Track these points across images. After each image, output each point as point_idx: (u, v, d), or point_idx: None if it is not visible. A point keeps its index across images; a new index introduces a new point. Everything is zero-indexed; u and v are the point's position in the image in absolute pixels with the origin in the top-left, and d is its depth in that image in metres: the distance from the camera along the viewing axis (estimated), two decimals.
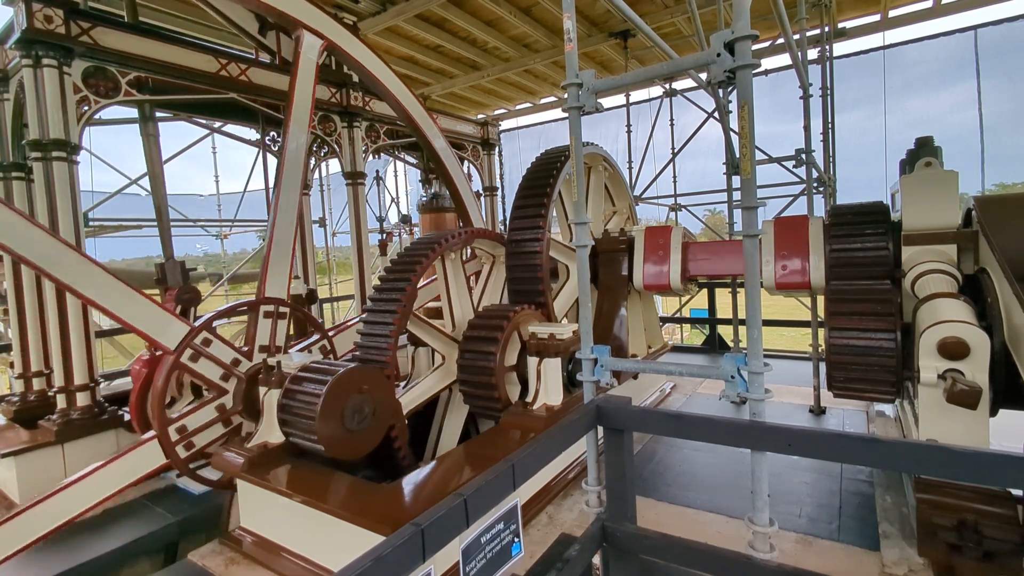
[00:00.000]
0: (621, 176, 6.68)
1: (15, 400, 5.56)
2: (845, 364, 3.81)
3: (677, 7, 8.99)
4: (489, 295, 5.52)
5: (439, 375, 4.84)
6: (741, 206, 2.35)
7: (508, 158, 14.71)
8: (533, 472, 2.28)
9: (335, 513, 3.16)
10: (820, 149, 7.51)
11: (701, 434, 2.53)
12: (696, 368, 2.76)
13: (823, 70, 7.68)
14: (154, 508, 4.59)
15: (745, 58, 2.28)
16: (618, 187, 6.83)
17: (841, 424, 5.46)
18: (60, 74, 4.73)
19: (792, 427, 2.28)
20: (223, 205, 13.65)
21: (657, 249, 5.75)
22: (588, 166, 6.26)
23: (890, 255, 4.18)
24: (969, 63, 9.29)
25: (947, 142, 4.95)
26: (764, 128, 11.11)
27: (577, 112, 2.92)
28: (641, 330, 6.48)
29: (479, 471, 3.48)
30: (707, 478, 4.47)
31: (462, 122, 10.19)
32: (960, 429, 3.06)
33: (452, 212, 9.39)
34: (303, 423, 3.60)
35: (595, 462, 2.93)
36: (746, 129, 2.35)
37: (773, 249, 4.88)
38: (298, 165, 5.00)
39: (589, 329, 3.06)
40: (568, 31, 2.83)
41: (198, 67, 5.75)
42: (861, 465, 4.19)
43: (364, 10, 8.72)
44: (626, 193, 6.92)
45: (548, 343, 4.45)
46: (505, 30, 10.07)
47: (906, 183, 4.15)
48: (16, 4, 4.63)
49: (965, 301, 3.39)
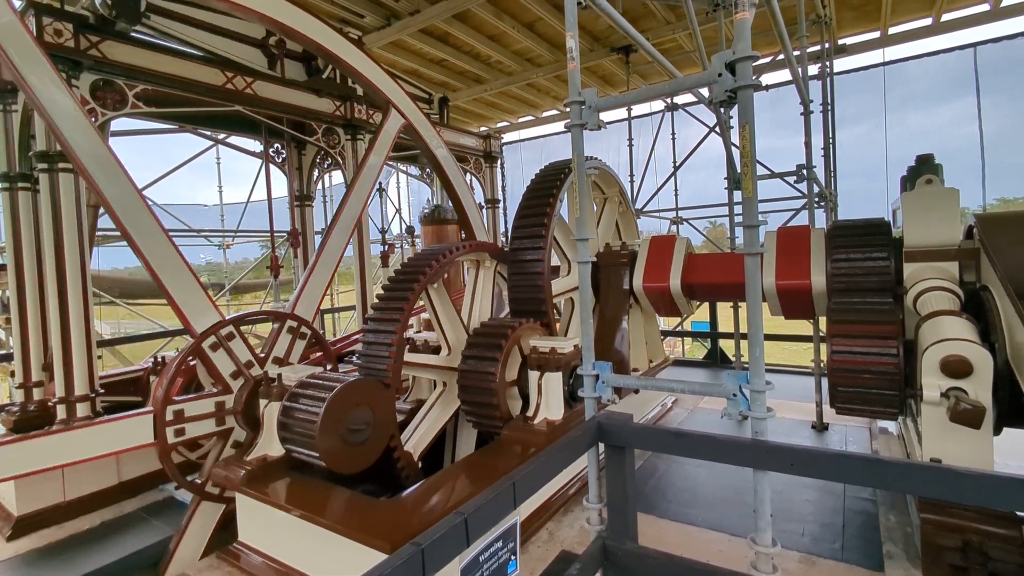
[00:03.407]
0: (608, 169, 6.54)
1: (15, 410, 5.54)
2: (847, 381, 3.79)
3: (679, 23, 9.09)
4: (479, 303, 5.36)
5: (442, 405, 4.78)
6: (743, 224, 2.36)
7: (510, 170, 14.79)
8: (534, 490, 2.27)
9: (334, 528, 3.14)
10: (821, 164, 7.56)
11: (703, 453, 2.52)
12: (698, 385, 2.75)
13: (824, 86, 7.74)
14: (151, 521, 4.57)
15: (746, 79, 2.30)
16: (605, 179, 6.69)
17: (844, 441, 5.43)
18: (68, 87, 4.77)
19: (794, 447, 2.27)
20: (226, 215, 13.69)
21: (660, 255, 5.82)
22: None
23: (892, 272, 4.18)
24: (969, 79, 9.35)
25: (948, 157, 4.98)
26: (765, 143, 11.16)
27: (580, 130, 2.94)
28: (642, 343, 6.47)
29: (479, 487, 3.47)
30: (709, 494, 4.43)
31: (465, 134, 10.26)
32: (964, 448, 3.04)
33: (454, 224, 9.41)
34: (303, 437, 3.59)
35: (596, 479, 2.92)
36: (747, 148, 2.36)
37: (775, 261, 4.89)
38: (361, 200, 5.67)
39: (590, 345, 3.06)
40: (571, 49, 2.86)
41: (204, 80, 5.81)
42: (864, 486, 4.15)
43: (369, 24, 8.83)
44: (614, 181, 6.77)
45: (549, 357, 4.44)
46: (508, 45, 10.17)
47: (907, 200, 4.17)
48: (26, 17, 4.69)
49: (967, 319, 3.39)
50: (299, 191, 8.53)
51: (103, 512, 4.78)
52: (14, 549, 4.35)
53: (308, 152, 8.53)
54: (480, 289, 5.42)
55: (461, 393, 4.62)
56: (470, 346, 4.68)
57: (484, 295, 5.43)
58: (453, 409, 4.78)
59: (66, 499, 4.83)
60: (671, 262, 5.70)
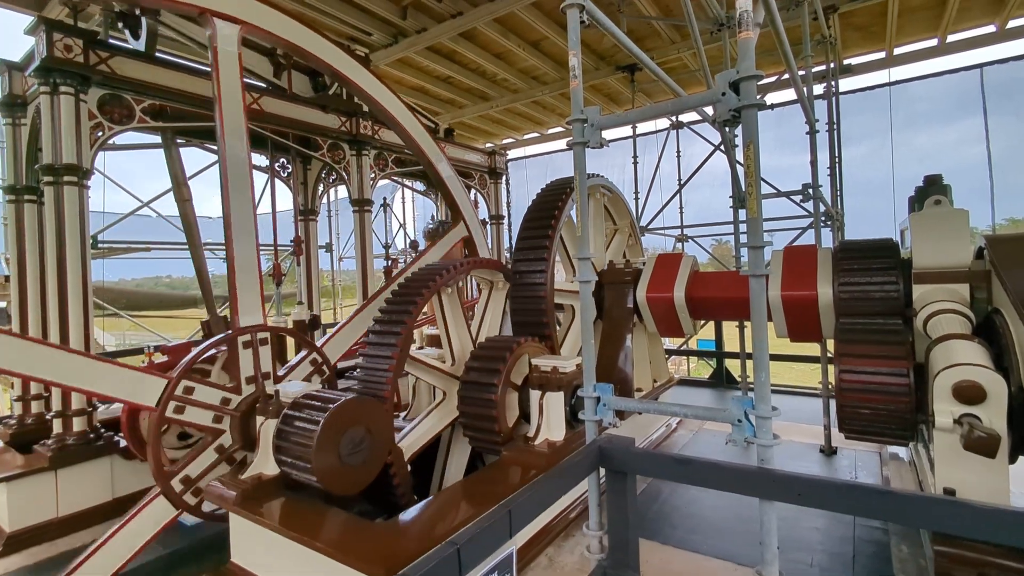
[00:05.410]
0: (619, 195, 6.63)
1: (12, 423, 5.51)
2: (856, 405, 3.69)
3: (683, 43, 9.14)
4: (488, 323, 5.40)
5: (440, 413, 4.71)
6: (748, 245, 2.31)
7: (515, 187, 14.83)
8: (531, 518, 2.19)
9: (327, 553, 3.05)
10: (827, 183, 7.51)
11: (707, 480, 2.44)
12: (702, 410, 2.67)
13: (829, 105, 7.73)
14: None
15: (750, 98, 2.27)
16: (617, 207, 6.78)
17: (853, 466, 5.29)
18: (76, 101, 4.82)
19: (802, 476, 2.19)
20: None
21: (666, 270, 5.80)
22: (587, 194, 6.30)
23: (901, 293, 4.10)
24: (976, 100, 9.33)
25: (955, 176, 4.92)
26: (771, 161, 11.15)
27: (582, 148, 2.91)
28: (647, 363, 6.38)
29: (478, 510, 3.37)
30: (715, 520, 4.31)
31: (470, 151, 10.30)
32: (978, 478, 2.93)
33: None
34: (298, 456, 3.52)
35: (596, 505, 2.83)
36: (752, 168, 2.32)
37: (780, 277, 4.82)
38: (244, 175, 4.35)
39: (592, 366, 2.99)
40: (573, 68, 2.84)
41: (212, 95, 5.85)
42: (875, 519, 4.02)
43: (376, 42, 8.93)
44: (626, 211, 6.84)
45: (550, 376, 4.36)
46: (514, 63, 10.26)
47: (916, 221, 4.10)
48: (37, 33, 4.76)
49: (980, 343, 3.30)
50: (304, 205, 8.56)
51: (96, 530, 4.70)
52: (4, 567, 4.28)
53: (313, 167, 8.58)
54: (491, 309, 5.44)
55: (461, 404, 4.55)
56: (474, 358, 4.63)
57: (494, 315, 5.44)
58: (449, 419, 4.70)
59: (59, 515, 4.76)
60: (676, 276, 5.65)
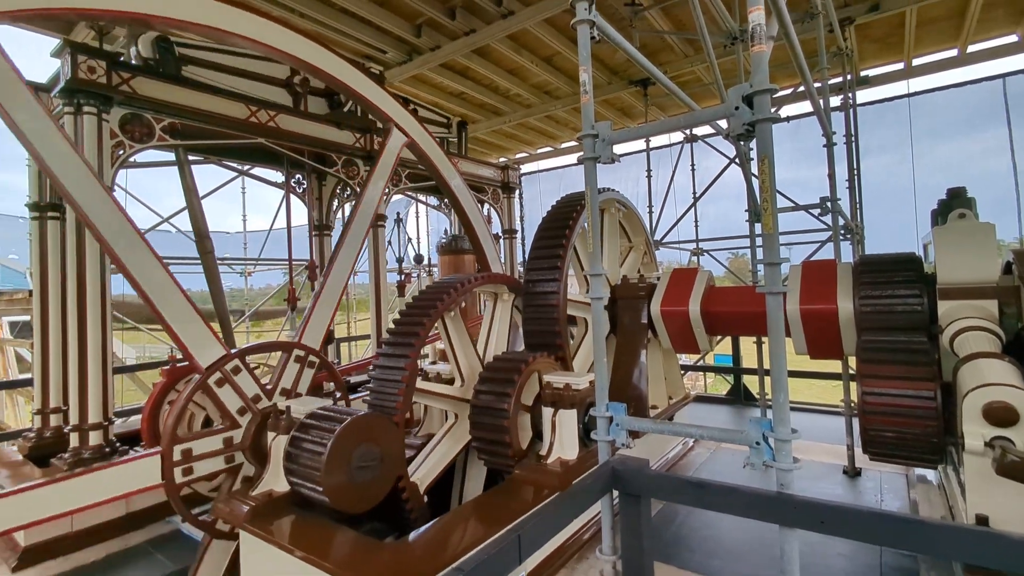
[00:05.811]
0: (634, 211, 6.61)
1: (31, 436, 5.58)
2: (880, 426, 3.56)
3: (696, 56, 9.13)
4: (496, 337, 5.30)
5: (452, 438, 4.65)
6: (764, 262, 2.25)
7: (528, 201, 14.85)
8: (541, 543, 2.12)
9: (335, 572, 3.01)
10: (846, 196, 7.37)
11: (724, 506, 2.35)
12: (718, 431, 2.59)
13: (847, 117, 7.62)
14: (155, 555, 4.48)
15: (764, 112, 2.22)
16: (632, 223, 6.75)
17: (879, 489, 5.10)
18: (99, 121, 4.94)
19: (824, 502, 2.09)
20: (249, 242, 13.98)
21: (681, 284, 5.71)
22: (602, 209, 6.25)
23: (925, 309, 3.97)
24: (999, 110, 9.13)
25: (979, 188, 4.78)
26: (788, 173, 11.03)
27: (593, 163, 2.88)
28: (662, 379, 6.26)
29: (488, 531, 3.30)
30: (734, 544, 4.17)
31: (483, 166, 10.35)
32: (1013, 504, 2.79)
33: (471, 254, 9.41)
34: (308, 474, 3.49)
35: (610, 528, 2.75)
36: (767, 182, 2.27)
37: (799, 291, 4.70)
38: (365, 223, 5.55)
39: (605, 385, 2.93)
40: (584, 83, 2.83)
41: (229, 114, 5.97)
42: (903, 550, 3.85)
43: (391, 60, 9.07)
44: (641, 228, 6.81)
45: (563, 393, 4.29)
46: (527, 78, 10.33)
47: (940, 235, 3.98)
48: (63, 56, 4.90)
49: (1010, 361, 3.16)
50: (319, 221, 8.65)
51: (109, 544, 4.72)
52: None
53: (328, 183, 8.68)
54: (497, 322, 5.35)
55: (473, 429, 4.48)
56: (483, 380, 4.56)
57: (501, 328, 5.36)
58: (463, 443, 4.63)
59: (73, 529, 4.79)
60: (691, 291, 5.56)
